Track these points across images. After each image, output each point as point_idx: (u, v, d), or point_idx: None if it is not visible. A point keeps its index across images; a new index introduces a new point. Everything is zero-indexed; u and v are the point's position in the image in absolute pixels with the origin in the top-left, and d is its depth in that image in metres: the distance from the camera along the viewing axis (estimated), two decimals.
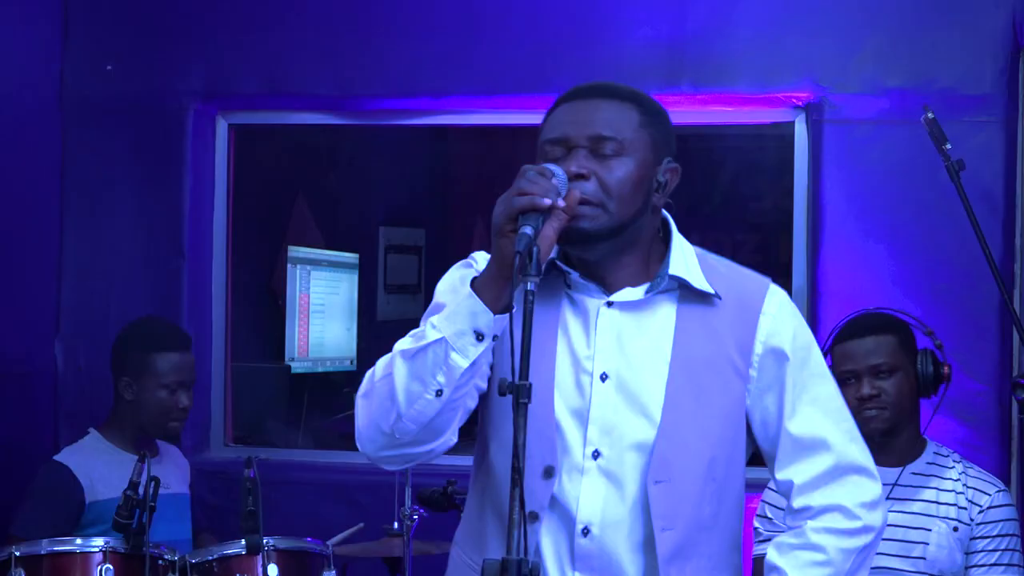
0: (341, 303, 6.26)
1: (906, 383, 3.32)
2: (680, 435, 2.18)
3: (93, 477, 3.59)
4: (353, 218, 6.74)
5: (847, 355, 3.33)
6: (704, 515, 2.20)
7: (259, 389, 5.45)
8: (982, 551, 3.25)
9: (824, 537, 2.22)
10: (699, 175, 6.05)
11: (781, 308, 2.28)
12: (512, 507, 1.87)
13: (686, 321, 2.23)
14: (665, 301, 2.24)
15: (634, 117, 2.21)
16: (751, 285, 2.30)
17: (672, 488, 2.17)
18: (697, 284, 2.23)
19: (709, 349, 2.22)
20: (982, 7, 4.07)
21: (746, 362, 2.23)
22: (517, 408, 1.90)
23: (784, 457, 2.26)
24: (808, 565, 2.21)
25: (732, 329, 2.24)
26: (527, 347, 1.92)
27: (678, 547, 2.17)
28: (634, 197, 2.18)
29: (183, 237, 4.53)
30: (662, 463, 2.17)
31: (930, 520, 3.27)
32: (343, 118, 4.70)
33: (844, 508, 2.23)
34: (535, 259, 1.98)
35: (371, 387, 2.15)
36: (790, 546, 2.24)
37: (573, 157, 2.17)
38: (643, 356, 2.21)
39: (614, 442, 2.18)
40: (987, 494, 3.28)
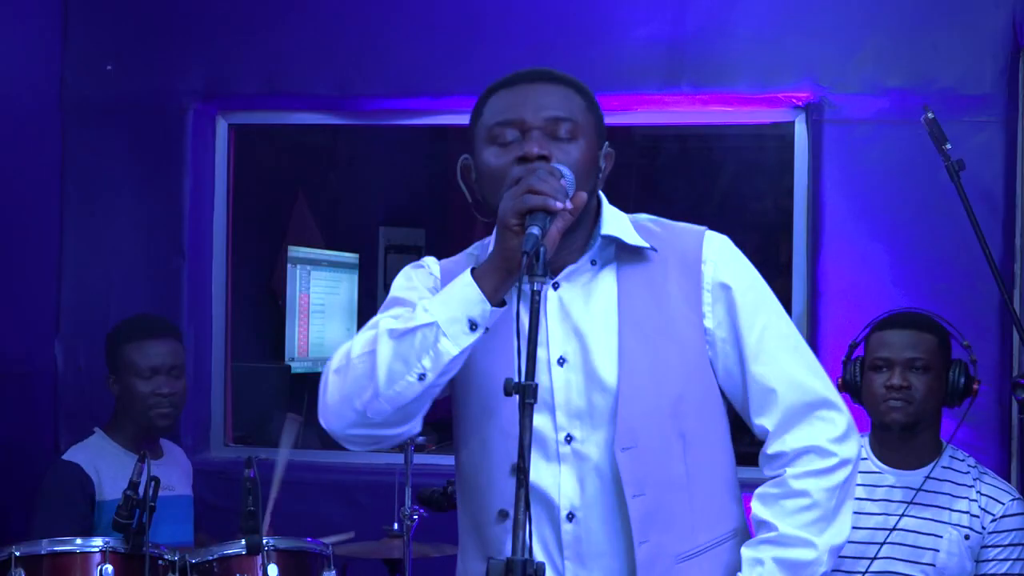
0: (341, 303, 6.26)
1: (936, 385, 3.30)
2: (640, 398, 2.18)
3: (101, 475, 3.59)
4: (353, 218, 6.74)
5: (885, 343, 3.32)
6: (677, 475, 2.20)
7: (259, 389, 5.45)
8: (993, 560, 3.24)
9: (805, 481, 2.20)
10: (699, 175, 6.05)
11: (720, 251, 2.27)
12: (517, 507, 1.87)
13: (628, 285, 2.23)
14: (606, 273, 2.24)
15: (579, 101, 2.23)
16: (688, 237, 2.29)
17: (638, 453, 2.17)
18: (630, 240, 2.23)
19: (656, 307, 2.22)
20: (982, 7, 4.07)
21: (697, 313, 2.23)
22: (523, 408, 1.90)
23: (755, 403, 2.24)
24: (795, 512, 2.19)
25: (677, 283, 2.23)
26: (533, 347, 1.92)
27: (650, 512, 2.17)
28: (587, 179, 2.19)
29: (183, 237, 4.53)
30: (626, 430, 2.17)
31: (942, 527, 3.25)
32: (343, 118, 4.70)
33: (818, 447, 2.21)
34: (542, 259, 1.98)
35: (346, 363, 2.13)
36: (773, 496, 2.22)
37: (531, 139, 2.17)
38: (594, 330, 2.21)
39: (583, 423, 2.19)
40: (1000, 503, 3.27)
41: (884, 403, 3.29)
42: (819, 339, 4.12)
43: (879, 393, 3.29)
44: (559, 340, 2.20)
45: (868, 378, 3.33)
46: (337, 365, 2.16)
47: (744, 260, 2.30)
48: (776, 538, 2.19)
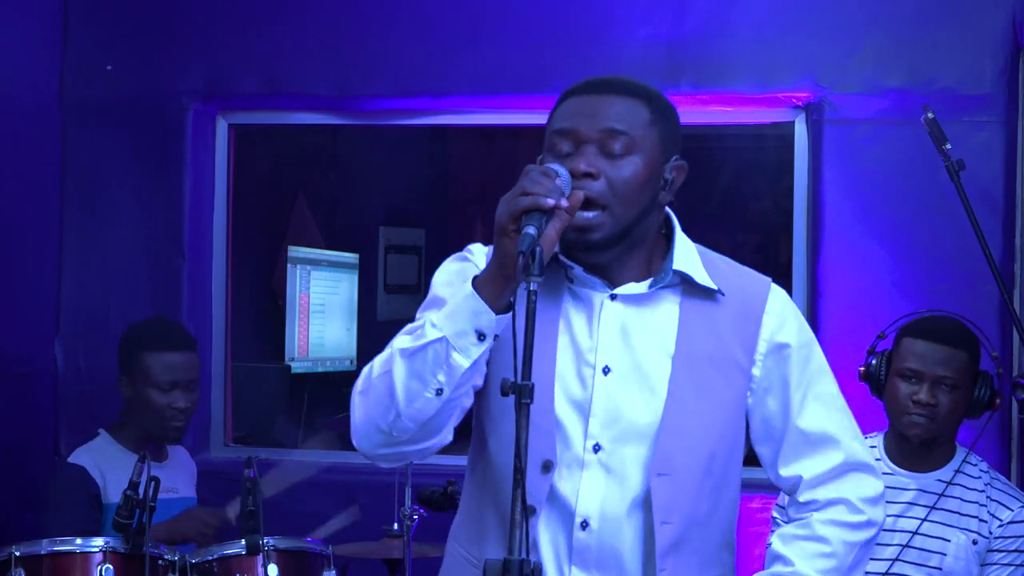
0: (341, 303, 6.26)
1: (961, 403, 3.28)
2: (682, 429, 2.19)
3: (106, 477, 3.59)
4: (353, 218, 6.74)
5: (917, 354, 3.27)
6: (701, 510, 2.21)
7: (259, 389, 5.45)
8: (996, 564, 3.22)
9: (829, 529, 2.24)
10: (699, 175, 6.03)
11: (784, 307, 2.30)
12: (514, 507, 1.87)
13: (689, 316, 2.23)
14: (668, 296, 2.24)
15: (644, 114, 2.21)
16: (753, 284, 2.31)
17: (673, 481, 2.18)
18: (700, 280, 2.24)
19: (712, 345, 2.23)
20: (982, 7, 4.07)
21: (749, 360, 2.24)
22: (519, 408, 1.90)
23: (791, 453, 2.28)
24: (814, 556, 2.23)
25: (735, 326, 2.24)
26: (529, 347, 1.92)
27: (675, 541, 2.18)
28: (640, 196, 2.18)
29: (183, 237, 4.53)
30: (664, 456, 2.17)
31: (950, 530, 3.24)
32: (343, 118, 4.70)
33: (849, 502, 2.26)
34: (538, 259, 1.98)
35: (368, 384, 2.14)
36: (795, 536, 2.26)
37: (582, 154, 2.16)
38: (646, 349, 2.21)
39: (616, 435, 2.18)
40: (1009, 509, 3.25)
41: (907, 416, 3.26)
42: (819, 339, 4.09)
43: (903, 403, 3.26)
44: (609, 350, 2.20)
45: (894, 383, 3.29)
46: (361, 387, 2.16)
47: (803, 319, 2.34)
48: (790, 574, 2.22)
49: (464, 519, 2.33)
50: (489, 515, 2.25)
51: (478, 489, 2.29)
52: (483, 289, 2.06)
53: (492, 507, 2.24)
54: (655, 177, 2.20)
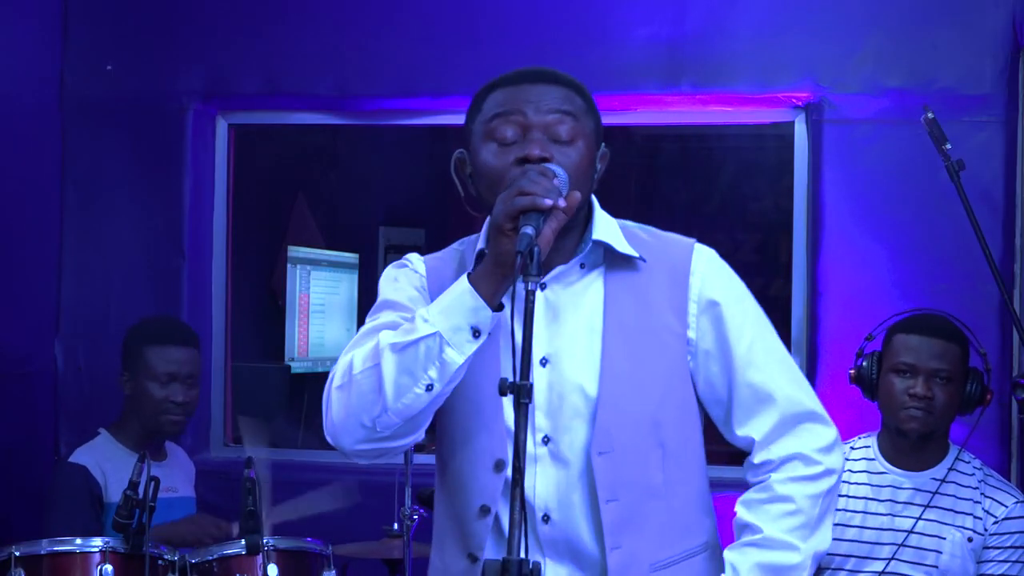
0: (341, 303, 6.26)
1: (956, 397, 3.29)
2: (619, 404, 2.18)
3: (107, 477, 3.59)
4: (353, 218, 6.74)
5: (911, 348, 3.28)
6: (653, 483, 2.20)
7: (259, 389, 5.45)
8: (992, 561, 3.23)
9: (789, 486, 2.21)
10: (699, 175, 6.05)
11: (709, 264, 2.28)
12: (513, 506, 1.87)
13: (614, 290, 2.23)
14: (594, 277, 2.24)
15: (581, 103, 2.23)
16: (677, 247, 2.30)
17: (615, 458, 2.17)
18: (620, 248, 2.23)
19: (641, 315, 2.22)
20: (982, 7, 4.07)
21: (682, 324, 2.23)
22: (518, 408, 1.90)
23: (739, 413, 2.25)
24: (780, 516, 2.20)
25: (664, 293, 2.23)
26: (528, 347, 1.92)
27: (623, 518, 2.17)
28: (586, 181, 2.19)
29: (183, 237, 4.53)
30: (604, 434, 2.17)
31: (945, 528, 3.24)
32: (343, 118, 4.70)
33: (803, 455, 2.22)
34: (536, 259, 1.98)
35: (349, 379, 2.12)
36: (759, 501, 2.23)
37: (532, 140, 2.17)
38: (577, 333, 2.21)
39: (561, 424, 2.19)
40: (1004, 505, 3.25)
41: (904, 410, 3.26)
42: (819, 339, 4.12)
43: (900, 399, 3.26)
44: (543, 341, 2.20)
45: (888, 380, 3.30)
46: (340, 382, 2.15)
47: (732, 274, 2.31)
48: (761, 540, 2.19)
49: (435, 529, 2.34)
50: (446, 520, 2.27)
51: (438, 494, 2.31)
52: (479, 286, 2.06)
53: (448, 512, 2.26)
54: (592, 164, 2.22)
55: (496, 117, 2.22)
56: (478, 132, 2.24)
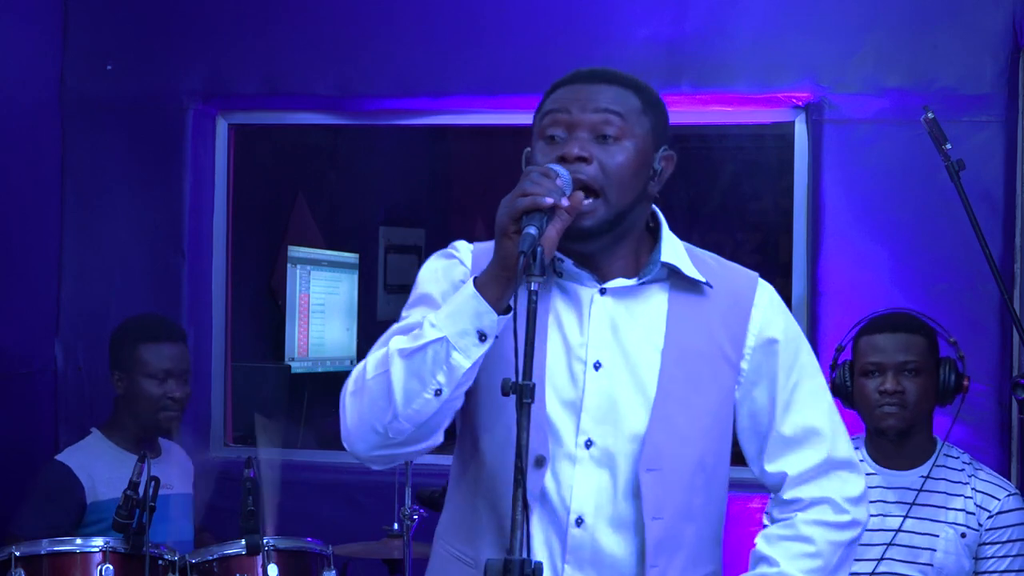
0: (341, 303, 6.26)
1: (929, 387, 3.31)
2: (673, 424, 2.18)
3: (95, 477, 3.59)
4: (353, 218, 6.73)
5: (876, 347, 3.32)
6: (693, 505, 2.21)
7: (259, 389, 5.45)
8: (992, 557, 3.23)
9: (814, 529, 2.23)
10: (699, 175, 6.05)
11: (771, 301, 2.30)
12: (515, 507, 1.87)
13: (678, 310, 2.23)
14: (657, 290, 2.24)
15: (635, 102, 2.22)
16: (741, 278, 2.31)
17: (663, 477, 2.17)
18: (688, 272, 2.24)
19: (701, 339, 2.22)
20: (982, 7, 4.07)
21: (738, 354, 2.24)
22: (520, 408, 1.90)
23: (776, 449, 2.27)
24: (798, 556, 2.21)
25: (723, 320, 2.24)
26: (530, 347, 1.92)
27: (665, 537, 2.17)
28: (633, 183, 2.19)
29: (183, 237, 4.53)
30: (654, 451, 2.17)
31: (938, 526, 3.25)
32: (343, 118, 4.70)
33: (833, 501, 2.24)
34: (539, 259, 1.98)
35: (362, 385, 2.12)
36: (780, 537, 2.24)
37: (575, 139, 2.17)
38: (637, 344, 2.21)
39: (607, 431, 2.18)
40: (996, 499, 3.26)
41: (878, 408, 3.28)
42: (819, 339, 4.12)
43: (872, 399, 3.29)
44: (599, 345, 2.20)
45: (860, 384, 3.32)
46: (353, 388, 2.15)
47: (790, 315, 2.34)
48: (776, 574, 2.21)
49: (455, 518, 2.31)
50: (484, 514, 2.24)
51: (470, 488, 2.27)
52: (485, 290, 2.06)
53: (487, 506, 2.23)
54: (645, 165, 2.21)
55: (547, 115, 2.22)
56: (535, 130, 2.24)
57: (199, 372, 4.52)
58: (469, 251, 2.30)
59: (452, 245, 2.31)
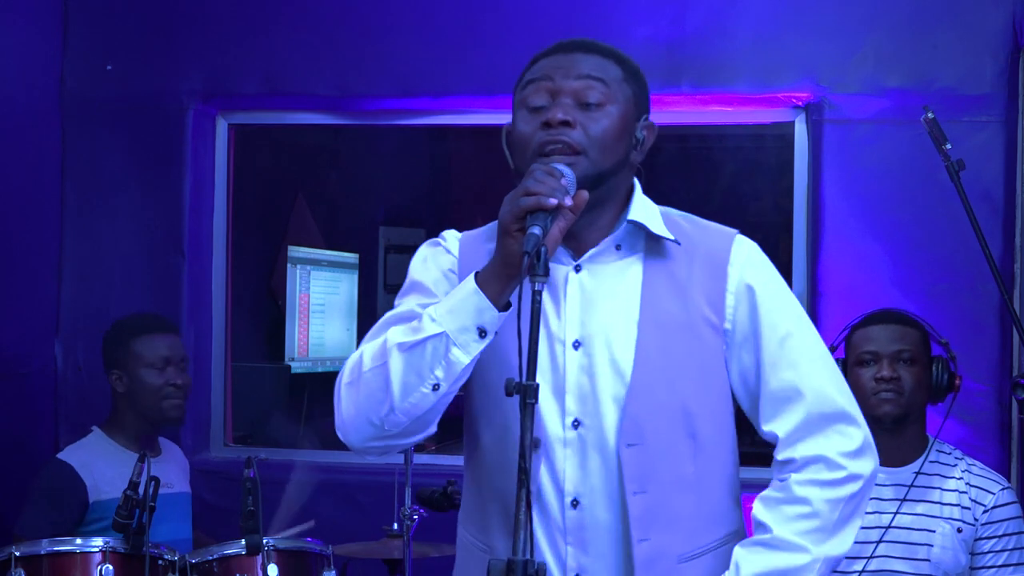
0: (341, 303, 6.26)
1: (923, 378, 3.33)
2: (651, 395, 2.17)
3: (96, 476, 3.59)
4: (353, 218, 6.74)
5: (870, 338, 3.33)
6: (684, 475, 2.18)
7: (259, 389, 5.45)
8: (989, 552, 3.24)
9: (808, 489, 2.18)
10: (699, 175, 6.05)
11: (749, 256, 2.27)
12: (518, 507, 1.87)
13: (653, 279, 2.22)
14: (632, 261, 2.24)
15: (616, 71, 2.23)
16: (717, 237, 2.29)
17: (645, 450, 2.16)
18: (655, 229, 2.22)
19: (678, 305, 2.21)
20: (982, 7, 4.07)
21: (719, 316, 2.22)
22: (524, 409, 1.90)
23: (768, 409, 2.22)
24: (793, 518, 2.17)
25: (701, 284, 2.22)
26: (534, 347, 1.92)
27: (652, 510, 2.16)
28: (615, 148, 2.19)
29: (183, 237, 4.53)
30: (633, 425, 2.16)
31: (934, 521, 3.25)
32: (343, 118, 4.70)
33: (827, 459, 2.18)
34: (543, 259, 1.98)
35: (358, 376, 2.13)
36: (775, 500, 2.20)
37: (558, 104, 2.18)
38: (613, 319, 2.20)
39: (591, 410, 2.18)
40: (991, 493, 3.27)
41: (874, 396, 3.28)
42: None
43: (869, 387, 3.29)
44: (576, 323, 2.19)
45: (855, 374, 3.33)
46: (349, 379, 2.15)
47: (772, 267, 2.29)
48: (770, 540, 2.18)
49: (469, 507, 2.34)
50: (491, 505, 2.25)
51: (477, 478, 2.29)
52: (486, 286, 2.06)
53: (493, 497, 2.24)
54: (628, 132, 2.22)
55: (529, 84, 2.23)
56: (516, 101, 2.25)
57: (199, 372, 4.53)
58: (457, 239, 2.32)
59: (441, 234, 2.34)
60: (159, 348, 3.71)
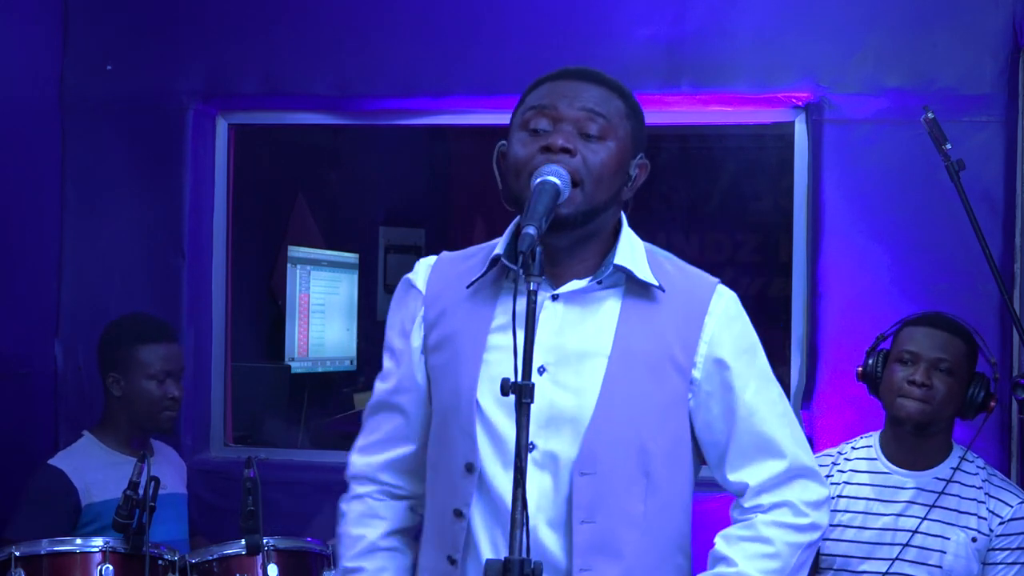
0: (341, 303, 6.26)
1: (957, 391, 3.27)
2: (610, 429, 2.18)
3: (88, 480, 3.59)
4: (353, 218, 6.74)
5: (915, 338, 3.29)
6: (633, 511, 2.19)
7: (259, 389, 5.45)
8: (1000, 564, 3.21)
9: (773, 530, 2.23)
10: (699, 175, 6.05)
11: (727, 307, 2.28)
12: (515, 507, 1.87)
13: (630, 315, 2.22)
14: (611, 296, 2.24)
15: (619, 105, 2.25)
16: (698, 284, 2.30)
17: (597, 480, 2.16)
18: (641, 275, 2.23)
19: (650, 345, 2.22)
20: (982, 7, 4.07)
21: (689, 361, 2.23)
22: (520, 408, 1.90)
23: (736, 459, 2.27)
24: (756, 556, 2.21)
25: (676, 327, 2.23)
26: (529, 347, 1.93)
27: (597, 541, 2.16)
28: (611, 183, 2.20)
29: (183, 237, 4.53)
30: (589, 455, 2.17)
31: (949, 528, 3.23)
32: (343, 118, 4.70)
33: (793, 505, 2.25)
34: (538, 260, 1.98)
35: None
36: (739, 537, 2.24)
37: (560, 131, 2.18)
38: (583, 349, 2.21)
39: (549, 435, 2.18)
40: (1009, 505, 3.24)
41: (902, 397, 3.25)
42: (819, 339, 4.12)
43: (899, 385, 3.25)
44: (544, 349, 2.18)
45: (891, 369, 3.29)
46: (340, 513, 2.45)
47: (747, 321, 2.31)
48: (735, 574, 2.21)
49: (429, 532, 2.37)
50: (428, 520, 2.30)
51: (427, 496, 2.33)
52: None
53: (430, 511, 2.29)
54: (623, 168, 2.22)
55: (531, 109, 2.23)
56: (516, 123, 2.25)
57: (199, 372, 4.53)
58: (428, 269, 2.35)
59: (415, 266, 2.37)
60: (162, 360, 3.71)
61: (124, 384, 3.70)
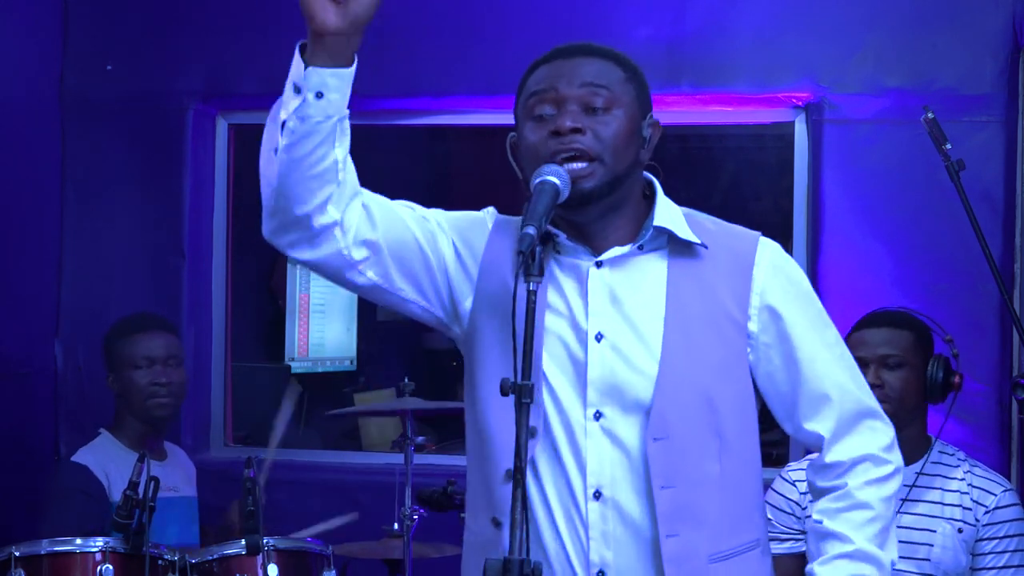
0: (341, 303, 6.25)
1: (913, 381, 3.30)
2: (677, 392, 2.18)
3: (110, 477, 3.60)
4: None
5: (861, 342, 3.31)
6: (710, 472, 2.19)
7: (259, 389, 5.44)
8: (990, 553, 3.23)
9: (866, 492, 2.24)
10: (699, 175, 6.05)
11: (773, 259, 2.28)
12: (514, 506, 1.87)
13: (678, 276, 2.23)
14: (655, 258, 2.25)
15: (618, 72, 2.24)
16: (741, 239, 2.30)
17: (671, 445, 2.16)
18: (682, 234, 2.23)
19: (703, 303, 2.22)
20: (982, 7, 4.07)
21: (744, 315, 2.23)
22: (519, 408, 1.90)
23: (806, 409, 2.26)
24: (863, 524, 2.23)
25: (726, 282, 2.24)
26: (529, 347, 1.93)
27: (680, 506, 2.16)
28: (627, 150, 2.21)
29: (183, 237, 4.53)
30: (660, 420, 2.16)
31: (935, 521, 3.25)
32: None
33: (873, 456, 2.26)
34: (538, 260, 1.98)
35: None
36: (838, 510, 2.25)
37: (565, 112, 2.19)
38: (637, 314, 2.21)
39: (614, 402, 2.18)
40: (993, 494, 3.26)
41: None
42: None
43: None
44: (599, 316, 2.20)
45: None
46: None
47: (795, 267, 2.32)
48: (853, 552, 2.21)
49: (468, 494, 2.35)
50: (475, 482, 2.28)
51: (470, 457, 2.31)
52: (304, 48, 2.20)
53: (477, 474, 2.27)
54: (636, 132, 2.23)
55: (533, 95, 2.24)
56: (520, 113, 2.27)
57: (199, 372, 4.53)
58: (492, 217, 2.35)
59: (493, 211, 2.38)
60: (142, 347, 3.71)
61: (117, 381, 3.72)
